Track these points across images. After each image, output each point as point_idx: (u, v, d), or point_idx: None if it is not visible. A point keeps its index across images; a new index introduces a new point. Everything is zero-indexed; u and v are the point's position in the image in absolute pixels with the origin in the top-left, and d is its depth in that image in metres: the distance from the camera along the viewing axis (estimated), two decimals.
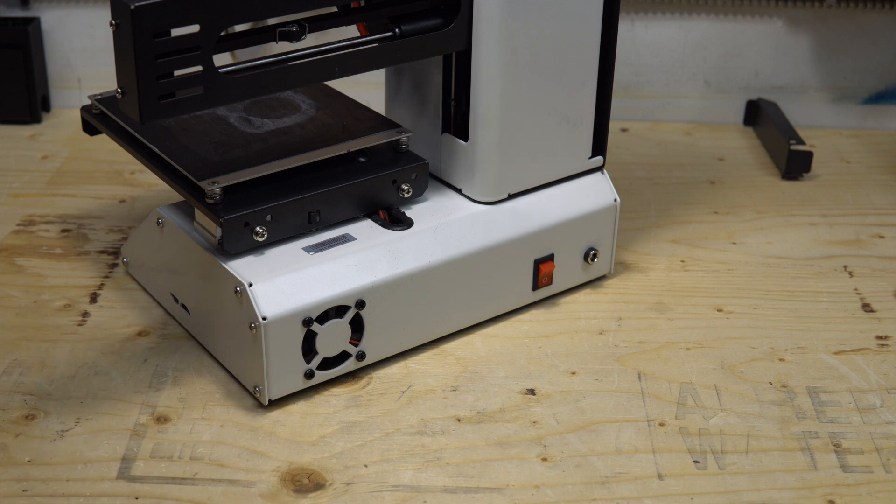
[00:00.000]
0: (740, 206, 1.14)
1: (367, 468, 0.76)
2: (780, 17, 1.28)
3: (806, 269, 1.03)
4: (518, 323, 0.93)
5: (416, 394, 0.84)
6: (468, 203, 0.91)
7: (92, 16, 1.27)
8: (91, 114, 0.95)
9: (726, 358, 0.89)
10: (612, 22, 0.91)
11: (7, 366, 0.85)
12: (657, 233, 1.08)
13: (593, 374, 0.87)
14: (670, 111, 1.32)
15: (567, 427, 0.81)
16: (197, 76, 0.76)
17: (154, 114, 0.76)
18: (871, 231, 1.10)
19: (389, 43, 0.85)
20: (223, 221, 0.80)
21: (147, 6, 0.72)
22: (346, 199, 0.86)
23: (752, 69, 1.30)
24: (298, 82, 0.84)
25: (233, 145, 0.88)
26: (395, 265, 0.85)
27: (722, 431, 0.81)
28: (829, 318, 0.95)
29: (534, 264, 0.93)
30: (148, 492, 0.74)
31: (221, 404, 0.82)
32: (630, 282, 0.99)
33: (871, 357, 0.90)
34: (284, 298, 0.80)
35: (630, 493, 0.75)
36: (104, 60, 1.29)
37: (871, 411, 0.84)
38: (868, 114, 1.32)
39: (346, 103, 0.96)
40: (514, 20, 0.85)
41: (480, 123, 0.88)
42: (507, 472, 0.77)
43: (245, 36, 0.82)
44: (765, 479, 0.77)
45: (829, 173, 1.21)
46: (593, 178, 0.96)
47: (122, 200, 1.11)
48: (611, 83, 0.94)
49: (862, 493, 0.75)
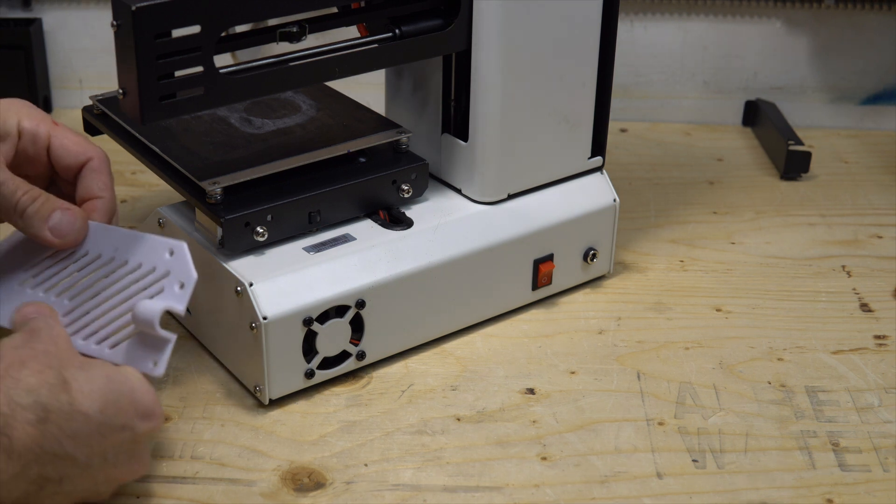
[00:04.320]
0: (739, 207, 1.14)
1: (367, 467, 0.77)
2: (778, 18, 1.28)
3: (804, 268, 1.03)
4: (518, 323, 0.93)
5: (416, 393, 0.84)
6: (468, 203, 0.92)
7: (93, 17, 1.28)
8: (92, 114, 0.95)
9: (725, 357, 0.90)
10: (612, 22, 0.91)
11: None
12: (656, 233, 1.08)
13: (593, 373, 0.87)
14: (669, 111, 1.33)
15: (566, 426, 0.81)
16: (198, 77, 0.76)
17: (155, 114, 0.76)
18: (869, 231, 1.10)
19: (389, 44, 0.85)
20: (224, 221, 0.81)
21: (148, 7, 0.72)
22: (346, 199, 0.86)
23: (750, 70, 1.31)
24: (299, 83, 0.84)
25: (233, 146, 0.88)
26: (395, 265, 0.85)
27: (721, 431, 0.81)
28: (827, 318, 0.95)
29: (533, 264, 0.93)
30: (148, 491, 0.74)
31: (222, 404, 0.83)
32: (629, 282, 1.00)
33: (869, 356, 0.90)
34: (285, 298, 0.80)
35: (629, 492, 0.75)
36: (105, 61, 1.29)
37: (869, 410, 0.84)
38: (866, 114, 1.32)
39: (346, 104, 0.96)
40: (514, 21, 0.85)
41: (480, 123, 0.89)
42: (507, 471, 0.77)
43: (246, 37, 0.82)
44: (763, 478, 0.77)
45: (827, 174, 1.22)
46: (593, 178, 0.97)
47: (123, 200, 1.11)
48: (610, 83, 0.94)
49: (860, 493, 0.76)
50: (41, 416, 0.64)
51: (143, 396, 0.70)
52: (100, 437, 0.67)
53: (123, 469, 0.70)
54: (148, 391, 0.70)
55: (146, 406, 0.70)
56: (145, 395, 0.70)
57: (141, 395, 0.69)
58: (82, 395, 0.66)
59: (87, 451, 0.67)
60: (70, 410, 0.66)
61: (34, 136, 0.79)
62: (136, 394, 0.69)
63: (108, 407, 0.67)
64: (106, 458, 0.68)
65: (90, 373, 0.68)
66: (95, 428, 0.67)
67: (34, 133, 0.79)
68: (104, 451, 0.68)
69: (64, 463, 0.66)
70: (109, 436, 0.68)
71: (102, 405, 0.67)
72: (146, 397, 0.70)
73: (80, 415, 0.66)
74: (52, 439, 0.65)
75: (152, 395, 0.70)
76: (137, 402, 0.69)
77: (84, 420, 0.66)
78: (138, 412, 0.69)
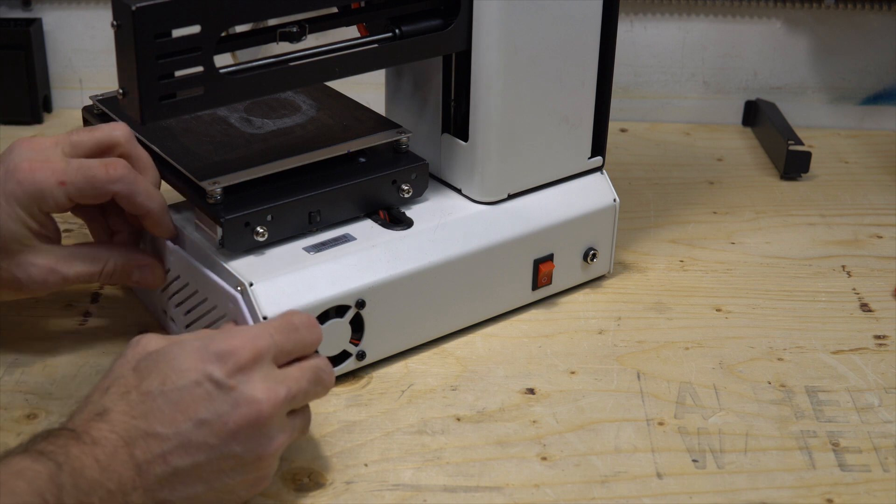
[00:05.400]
0: (739, 207, 1.14)
1: (367, 467, 0.77)
2: (778, 18, 1.28)
3: (804, 268, 1.03)
4: (518, 323, 0.93)
5: (416, 393, 0.84)
6: (468, 203, 0.92)
7: (93, 17, 1.28)
8: (92, 114, 0.95)
9: (725, 357, 0.90)
10: (612, 22, 0.91)
11: (9, 365, 0.85)
12: (656, 233, 1.08)
13: (593, 373, 0.87)
14: (669, 112, 1.33)
15: (566, 426, 0.81)
16: (198, 77, 0.76)
17: (155, 114, 0.76)
18: (869, 231, 1.10)
19: (389, 44, 0.85)
20: (224, 221, 0.81)
21: (148, 7, 0.72)
22: (346, 199, 0.86)
23: (750, 70, 1.31)
24: (299, 83, 0.84)
25: (233, 146, 0.88)
26: (395, 265, 0.85)
27: (721, 431, 0.81)
28: (827, 318, 0.95)
29: (533, 264, 0.93)
30: None
31: None
32: (629, 282, 1.00)
33: (869, 356, 0.90)
34: (285, 298, 0.80)
35: (629, 491, 0.75)
36: (105, 61, 1.29)
37: (869, 410, 0.84)
38: (866, 114, 1.32)
39: (346, 104, 0.96)
40: (514, 21, 0.85)
41: (480, 124, 0.89)
42: (507, 471, 0.77)
43: (246, 37, 0.82)
44: (763, 478, 0.77)
45: (827, 173, 1.22)
46: (593, 178, 0.97)
47: None
48: (610, 84, 0.94)
49: (860, 492, 0.76)
50: (101, 411, 0.64)
51: (211, 343, 0.66)
52: (173, 404, 0.64)
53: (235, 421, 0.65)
54: (217, 336, 0.67)
55: (215, 349, 0.66)
56: (214, 340, 0.66)
57: (208, 344, 0.66)
58: (140, 379, 0.65)
59: (169, 422, 0.64)
60: (133, 397, 0.65)
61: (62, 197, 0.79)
62: (200, 348, 0.66)
63: (170, 375, 0.65)
64: (201, 420, 0.64)
65: (149, 358, 0.66)
66: (162, 399, 0.64)
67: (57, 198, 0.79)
68: (193, 415, 0.64)
69: (149, 441, 0.64)
70: (185, 398, 0.64)
71: (163, 378, 0.65)
72: (214, 342, 0.66)
73: (142, 395, 0.64)
74: (123, 424, 0.64)
75: (224, 336, 0.67)
76: (203, 351, 0.66)
77: (149, 398, 0.64)
78: (207, 358, 0.66)
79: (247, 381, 0.66)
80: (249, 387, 0.66)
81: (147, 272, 0.85)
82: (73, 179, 0.78)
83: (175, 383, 0.65)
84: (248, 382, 0.66)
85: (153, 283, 0.86)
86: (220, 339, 0.67)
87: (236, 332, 0.68)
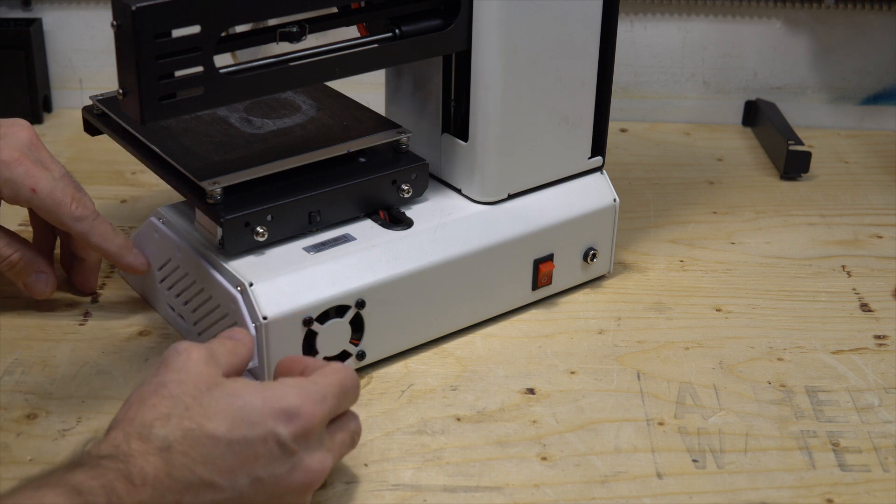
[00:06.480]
0: (739, 207, 1.14)
1: (367, 467, 0.77)
2: (778, 18, 1.28)
3: (804, 268, 1.03)
4: (518, 323, 0.93)
5: (416, 393, 0.84)
6: (468, 203, 0.92)
7: (93, 17, 1.28)
8: (92, 114, 0.95)
9: (725, 357, 0.90)
10: (612, 22, 0.91)
11: (9, 365, 0.85)
12: (656, 233, 1.08)
13: (593, 373, 0.87)
14: (669, 112, 1.33)
15: (566, 426, 0.81)
16: (198, 77, 0.76)
17: (155, 114, 0.76)
18: (869, 231, 1.10)
19: (389, 43, 0.85)
20: (224, 222, 0.81)
21: (148, 7, 0.72)
22: (346, 199, 0.86)
23: (750, 70, 1.31)
24: (299, 83, 0.84)
25: (233, 146, 0.88)
26: (395, 265, 0.85)
27: (721, 431, 0.81)
28: (827, 318, 0.95)
29: (533, 264, 0.93)
30: None
31: None
32: (629, 282, 1.00)
33: (869, 356, 0.90)
34: (285, 298, 0.80)
35: (629, 492, 0.75)
36: (105, 61, 1.29)
37: (869, 410, 0.84)
38: (866, 114, 1.32)
39: (346, 104, 0.96)
40: (514, 20, 0.85)
41: (480, 123, 0.89)
42: (507, 471, 0.77)
43: (246, 36, 0.82)
44: (763, 478, 0.77)
45: (827, 173, 1.22)
46: (593, 178, 0.97)
47: (123, 200, 1.11)
48: (610, 83, 0.94)
49: (860, 492, 0.76)
50: (163, 445, 0.62)
51: (280, 399, 0.66)
52: (235, 456, 0.64)
53: (287, 485, 0.66)
54: (285, 392, 0.66)
55: (284, 407, 0.65)
56: (283, 397, 0.66)
57: (277, 398, 0.66)
58: (206, 417, 0.64)
59: (228, 473, 0.64)
60: (197, 436, 0.63)
61: None
62: (269, 399, 0.65)
63: (239, 423, 0.64)
64: (258, 477, 0.64)
65: (214, 392, 0.65)
66: (227, 448, 0.64)
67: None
68: (251, 471, 0.64)
69: (202, 490, 0.63)
70: (248, 452, 0.64)
71: (231, 424, 0.64)
72: (284, 399, 0.66)
73: (207, 438, 0.63)
74: (182, 467, 0.62)
75: (292, 394, 0.66)
76: (272, 406, 0.65)
77: (213, 442, 0.63)
78: (275, 415, 0.65)
79: (307, 447, 0.67)
80: (308, 455, 0.67)
81: (40, 281, 0.90)
82: (42, 196, 0.85)
83: (243, 434, 0.64)
84: (308, 450, 0.67)
85: (37, 293, 0.91)
86: (289, 393, 0.66)
87: (303, 388, 0.67)
